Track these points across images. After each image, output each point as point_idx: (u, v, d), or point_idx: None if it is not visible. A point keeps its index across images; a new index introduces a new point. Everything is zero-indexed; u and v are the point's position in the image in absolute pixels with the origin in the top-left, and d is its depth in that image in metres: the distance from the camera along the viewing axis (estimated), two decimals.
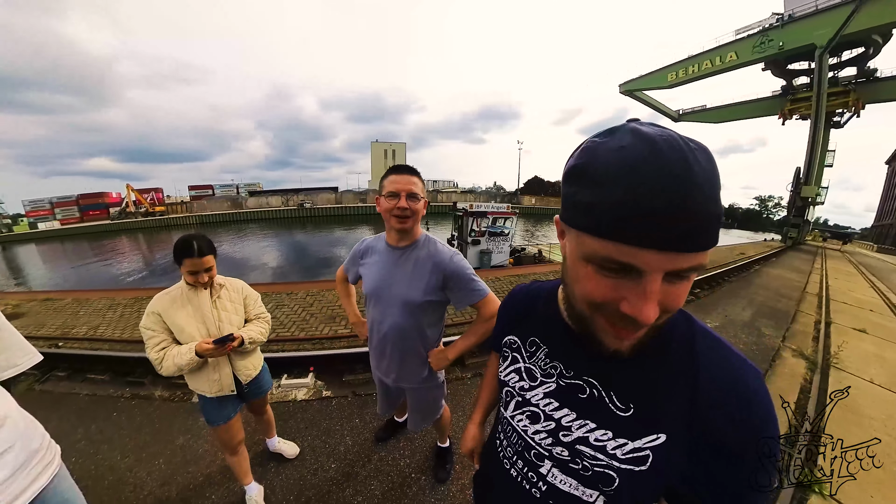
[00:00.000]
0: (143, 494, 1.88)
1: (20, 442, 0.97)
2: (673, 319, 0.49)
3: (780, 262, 11.66)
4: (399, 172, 1.23)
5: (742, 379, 0.46)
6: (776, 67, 22.18)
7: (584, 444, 0.52)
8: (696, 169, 0.34)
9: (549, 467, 0.57)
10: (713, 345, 0.49)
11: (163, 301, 1.42)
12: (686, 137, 0.36)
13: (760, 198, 79.60)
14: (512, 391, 0.64)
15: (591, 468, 0.52)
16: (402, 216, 1.22)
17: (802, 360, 3.69)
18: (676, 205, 0.33)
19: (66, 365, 3.18)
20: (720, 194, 0.36)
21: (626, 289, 0.39)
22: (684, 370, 0.48)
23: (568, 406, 0.55)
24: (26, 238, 36.52)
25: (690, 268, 0.37)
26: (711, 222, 0.35)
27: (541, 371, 0.60)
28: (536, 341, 0.62)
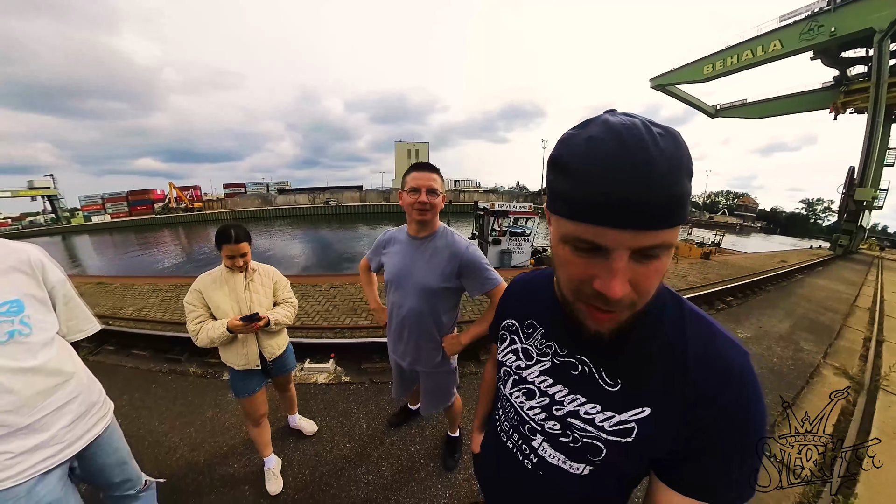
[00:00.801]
0: (176, 457, 2.06)
1: (83, 394, 1.12)
2: (663, 302, 0.52)
3: (828, 272, 10.72)
4: (420, 170, 1.32)
5: (726, 358, 0.48)
6: (827, 56, 19.95)
7: (575, 417, 0.56)
8: (655, 153, 0.36)
9: (540, 441, 0.61)
10: (701, 326, 0.51)
11: (205, 280, 1.59)
12: (652, 123, 0.38)
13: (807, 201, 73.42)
14: (509, 370, 0.68)
15: (580, 440, 0.55)
16: (422, 209, 1.31)
17: (846, 380, 3.40)
18: (636, 188, 0.36)
19: (114, 340, 3.50)
20: (684, 175, 0.38)
21: (597, 267, 0.41)
22: (672, 349, 0.50)
23: (561, 382, 0.58)
24: (82, 229, 40.07)
25: (654, 245, 0.39)
26: (671, 202, 0.37)
27: (537, 350, 0.63)
28: (534, 323, 0.65)
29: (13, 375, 0.93)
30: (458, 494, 1.82)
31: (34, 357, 0.98)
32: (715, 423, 0.46)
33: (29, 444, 0.96)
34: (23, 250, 1.03)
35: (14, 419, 0.93)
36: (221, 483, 1.87)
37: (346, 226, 37.10)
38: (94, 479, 1.20)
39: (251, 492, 1.81)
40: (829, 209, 66.49)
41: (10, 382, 0.92)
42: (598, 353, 0.55)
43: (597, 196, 0.38)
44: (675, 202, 0.37)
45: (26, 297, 0.99)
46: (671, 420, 0.48)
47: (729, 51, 23.35)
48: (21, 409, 0.94)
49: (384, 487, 1.85)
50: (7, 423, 0.92)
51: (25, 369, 0.95)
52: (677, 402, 0.48)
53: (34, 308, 1.00)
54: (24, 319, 0.97)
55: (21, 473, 0.95)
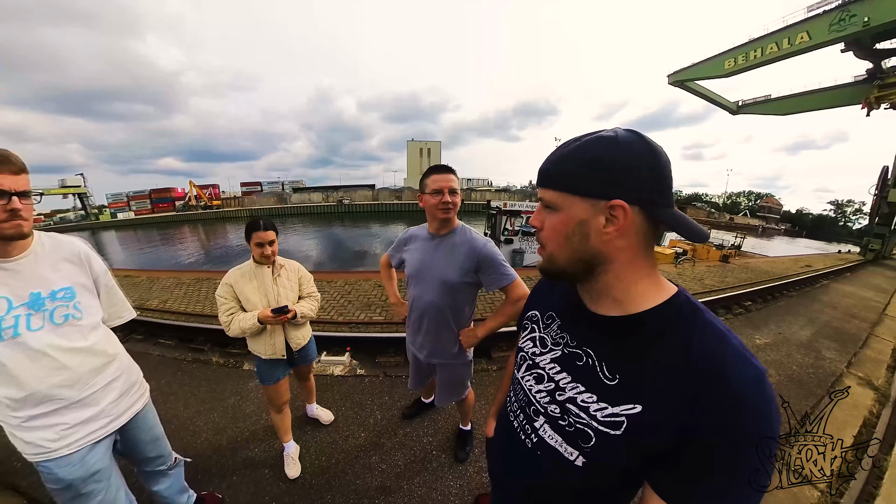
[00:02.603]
0: (200, 440, 2.18)
1: (126, 374, 1.23)
2: (678, 308, 0.54)
3: (856, 277, 10.17)
4: (439, 172, 1.39)
5: (731, 373, 0.47)
6: (860, 48, 18.46)
7: (573, 404, 0.60)
8: (557, 150, 0.57)
9: (542, 422, 0.66)
10: (713, 337, 0.50)
11: (235, 275, 1.69)
12: (580, 136, 0.56)
13: (836, 202, 69.87)
14: (525, 356, 0.74)
15: (574, 424, 0.59)
16: (446, 208, 1.38)
17: (870, 391, 3.26)
18: (541, 166, 0.59)
19: (142, 329, 3.69)
20: (560, 160, 0.56)
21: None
22: (675, 355, 0.51)
23: (566, 371, 0.63)
24: (109, 225, 41.88)
25: (542, 198, 0.59)
26: (556, 175, 0.56)
27: (551, 340, 0.68)
28: (553, 315, 0.71)
29: (69, 354, 1.03)
30: (468, 486, 1.86)
31: (85, 339, 1.08)
32: (704, 440, 0.46)
33: (82, 416, 1.06)
34: (72, 243, 1.14)
35: (70, 393, 1.03)
36: (243, 465, 1.97)
37: (358, 224, 37.57)
38: (131, 454, 1.30)
39: (271, 475, 1.90)
40: (860, 211, 63.14)
41: (66, 360, 1.02)
42: (603, 349, 0.59)
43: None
44: (552, 175, 0.57)
45: (77, 286, 1.09)
46: (663, 423, 0.49)
47: (752, 44, 22.29)
48: (76, 384, 1.04)
49: (397, 476, 1.91)
50: (64, 397, 1.02)
51: (79, 349, 1.05)
52: (671, 407, 0.49)
53: (83, 295, 1.11)
54: (77, 305, 1.07)
55: (76, 442, 1.05)
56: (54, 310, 1.02)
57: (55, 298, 1.02)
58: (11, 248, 0.97)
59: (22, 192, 0.92)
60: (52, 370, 0.99)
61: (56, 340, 1.01)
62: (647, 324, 0.55)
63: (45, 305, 1.00)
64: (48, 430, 1.01)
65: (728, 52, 23.97)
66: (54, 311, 1.02)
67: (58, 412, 1.02)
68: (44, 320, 0.99)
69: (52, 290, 1.02)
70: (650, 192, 0.51)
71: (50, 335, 1.00)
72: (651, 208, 0.51)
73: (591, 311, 0.61)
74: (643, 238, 0.54)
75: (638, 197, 0.50)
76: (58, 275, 1.05)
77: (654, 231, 0.54)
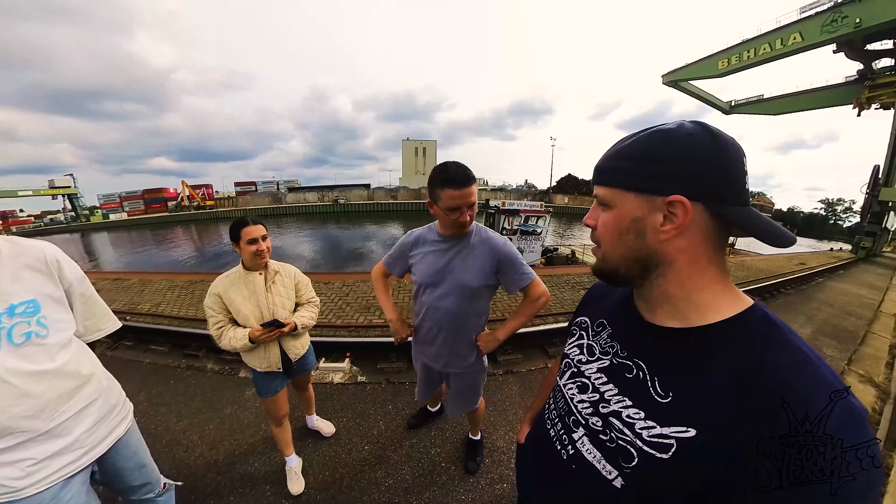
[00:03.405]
0: (195, 455, 2.05)
1: (103, 397, 1.09)
2: (747, 321, 0.47)
3: (850, 275, 10.29)
4: (457, 187, 1.17)
5: (822, 414, 0.38)
6: (851, 49, 18.84)
7: (616, 418, 0.55)
8: (613, 146, 0.54)
9: (581, 434, 0.61)
10: (795, 362, 0.42)
11: (223, 283, 1.54)
12: (638, 131, 0.52)
13: (827, 201, 70.89)
14: (570, 363, 0.69)
15: (616, 440, 0.54)
16: (464, 226, 1.26)
17: (871, 388, 3.27)
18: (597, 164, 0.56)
19: (132, 336, 3.54)
20: (615, 156, 0.53)
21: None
22: (743, 375, 0.43)
23: (613, 382, 0.58)
24: (100, 227, 41.16)
25: (597, 195, 0.55)
26: (608, 171, 0.54)
27: (600, 348, 0.64)
28: (604, 322, 0.66)
29: (32, 379, 0.89)
30: (480, 499, 1.77)
31: (52, 359, 0.94)
32: (770, 486, 0.39)
33: (51, 449, 0.93)
34: (37, 248, 0.99)
35: (34, 424, 0.90)
36: (241, 483, 1.86)
37: (354, 223, 37.31)
38: (113, 483, 1.17)
39: (272, 492, 1.79)
40: (851, 210, 64.17)
41: (28, 386, 0.88)
42: (657, 362, 0.53)
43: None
44: (609, 171, 0.54)
45: (42, 297, 0.95)
46: (719, 452, 0.43)
47: (745, 45, 22.61)
48: (41, 413, 0.91)
49: (405, 491, 1.81)
50: (27, 429, 0.89)
51: (44, 372, 0.92)
52: (733, 439, 0.42)
53: (51, 308, 0.97)
54: (41, 320, 0.93)
55: (44, 480, 0.91)
56: (12, 327, 0.87)
57: (14, 314, 0.88)
58: None
59: None
60: (12, 398, 0.85)
61: (16, 363, 0.86)
62: (711, 339, 0.48)
63: (1, 323, 0.85)
64: (11, 466, 0.87)
65: (721, 53, 24.29)
66: (13, 328, 0.87)
67: (22, 446, 0.88)
68: (0, 340, 0.85)
69: (11, 304, 0.88)
70: (715, 187, 0.45)
71: (8, 357, 0.85)
72: (717, 206, 0.46)
73: (647, 321, 0.56)
74: (709, 239, 0.48)
75: (700, 192, 0.45)
76: (18, 286, 0.91)
77: (723, 232, 0.48)
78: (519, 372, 2.98)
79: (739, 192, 0.46)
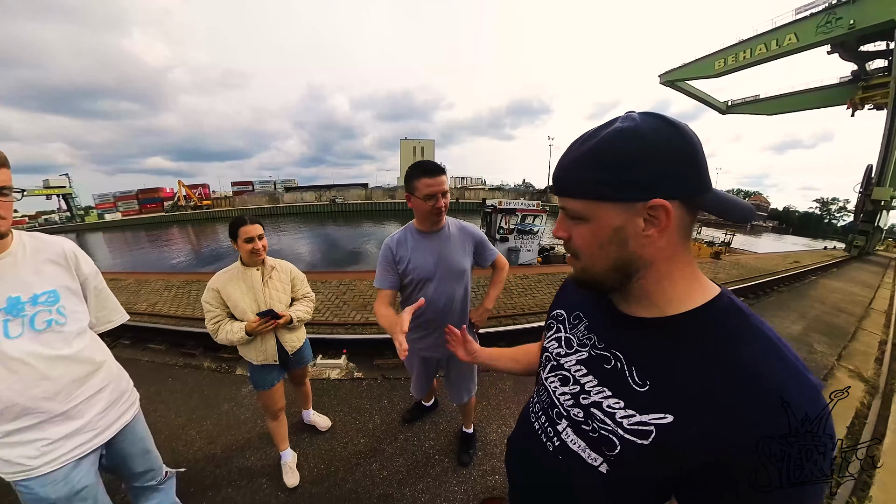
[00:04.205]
0: (193, 450, 2.09)
1: (113, 383, 1.15)
2: (723, 311, 0.49)
3: (843, 273, 10.46)
4: (431, 175, 1.33)
5: (783, 389, 0.42)
6: (845, 50, 19.22)
7: (598, 409, 0.56)
8: (570, 152, 0.51)
9: (564, 426, 0.63)
10: (763, 347, 0.46)
11: (221, 278, 1.59)
12: (593, 131, 0.49)
13: (822, 200, 71.59)
14: (550, 356, 0.70)
15: (598, 430, 0.56)
16: (439, 213, 1.40)
17: (860, 383, 3.34)
18: (555, 173, 0.53)
19: (130, 335, 3.57)
20: (579, 164, 0.49)
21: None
22: (718, 365, 0.46)
23: (593, 373, 0.59)
24: (95, 227, 40.88)
25: (564, 208, 0.54)
26: (578, 184, 0.50)
27: (577, 341, 0.65)
28: (580, 315, 0.67)
29: (50, 363, 0.95)
30: (473, 490, 1.82)
31: (69, 346, 1.00)
32: (747, 464, 0.42)
33: (65, 430, 0.99)
34: (57, 243, 1.06)
35: (51, 406, 0.95)
36: (239, 475, 1.89)
37: (352, 223, 37.28)
38: (119, 468, 1.22)
39: (268, 484, 1.83)
40: (845, 209, 64.75)
41: (47, 370, 0.94)
42: (634, 352, 0.55)
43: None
44: (573, 182, 0.51)
45: (61, 289, 1.01)
46: (697, 438, 0.45)
47: (741, 45, 22.81)
48: (57, 395, 0.96)
49: (399, 483, 1.85)
50: (44, 410, 0.94)
51: (61, 357, 0.98)
52: (707, 422, 0.45)
53: (68, 299, 1.03)
54: (60, 309, 0.99)
55: (57, 459, 0.97)
56: (35, 315, 0.94)
57: (36, 303, 0.95)
58: None
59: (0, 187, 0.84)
60: (32, 380, 0.92)
61: (37, 348, 0.93)
62: (685, 328, 0.50)
63: (24, 310, 0.92)
64: (28, 446, 0.93)
65: (718, 53, 24.47)
66: (35, 316, 0.94)
67: (38, 426, 0.94)
68: (23, 326, 0.92)
69: (34, 293, 0.95)
70: (691, 183, 0.46)
71: (30, 343, 0.92)
72: (691, 199, 0.47)
73: (622, 312, 0.57)
74: (683, 232, 0.49)
75: (679, 190, 0.45)
76: (40, 277, 0.98)
77: (693, 221, 0.50)
78: None
79: (707, 179, 0.47)
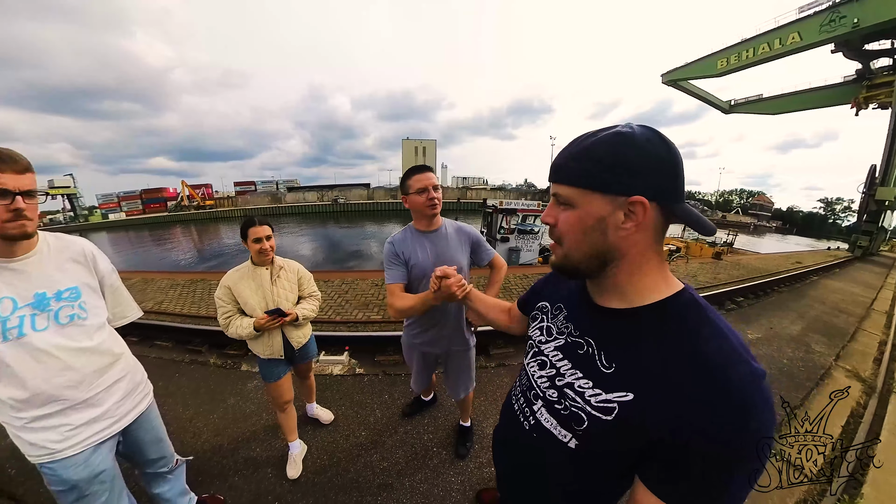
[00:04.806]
0: (201, 441, 2.17)
1: (130, 374, 1.23)
2: (684, 305, 0.55)
3: (845, 273, 10.39)
4: (420, 172, 1.45)
5: (730, 374, 0.47)
6: (849, 48, 18.91)
7: (570, 388, 0.63)
8: (571, 145, 0.58)
9: (539, 406, 0.69)
10: (713, 335, 0.51)
11: (233, 276, 1.68)
12: (595, 131, 0.57)
13: (826, 200, 71.02)
14: (532, 343, 0.77)
15: (569, 408, 0.62)
16: (433, 205, 1.46)
17: (858, 383, 3.35)
18: (554, 161, 0.60)
19: (137, 332, 3.65)
20: (577, 156, 0.56)
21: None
22: (673, 350, 0.52)
23: (568, 358, 0.66)
24: (100, 227, 41.21)
25: (556, 194, 0.59)
26: (572, 172, 0.56)
27: (557, 329, 0.72)
28: (561, 306, 0.74)
29: (74, 354, 1.03)
30: (469, 481, 1.88)
31: (90, 338, 1.08)
32: (696, 437, 0.47)
33: (87, 417, 1.06)
34: (78, 243, 1.14)
35: (74, 394, 1.03)
36: (244, 466, 1.97)
37: (354, 223, 37.40)
38: (134, 455, 1.30)
39: (273, 474, 1.91)
40: (849, 209, 64.18)
41: (71, 360, 1.02)
42: (603, 338, 0.61)
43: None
44: (566, 169, 0.57)
45: (82, 285, 1.09)
46: (653, 413, 0.51)
47: (744, 44, 22.59)
48: (80, 384, 1.04)
49: (399, 473, 1.92)
50: (68, 398, 1.02)
51: (84, 349, 1.06)
52: (664, 400, 0.50)
53: (89, 295, 1.11)
54: (82, 304, 1.07)
55: (78, 444, 1.05)
56: (59, 310, 1.02)
57: (60, 298, 1.02)
58: (16, 248, 0.97)
59: (26, 191, 0.91)
60: (56, 370, 0.99)
61: (61, 341, 1.01)
62: (647, 317, 0.56)
63: (49, 305, 1.00)
64: (52, 431, 1.01)
65: (721, 52, 24.28)
66: (59, 311, 1.02)
67: (62, 413, 1.02)
68: (49, 320, 0.99)
69: (58, 290, 1.03)
70: (668, 190, 0.52)
71: (55, 335, 1.00)
72: (667, 204, 0.53)
73: (596, 303, 0.64)
74: (657, 233, 0.56)
75: (657, 193, 0.52)
76: (63, 275, 1.06)
77: (665, 226, 0.56)
78: (510, 365, 3.09)
79: (682, 191, 0.54)
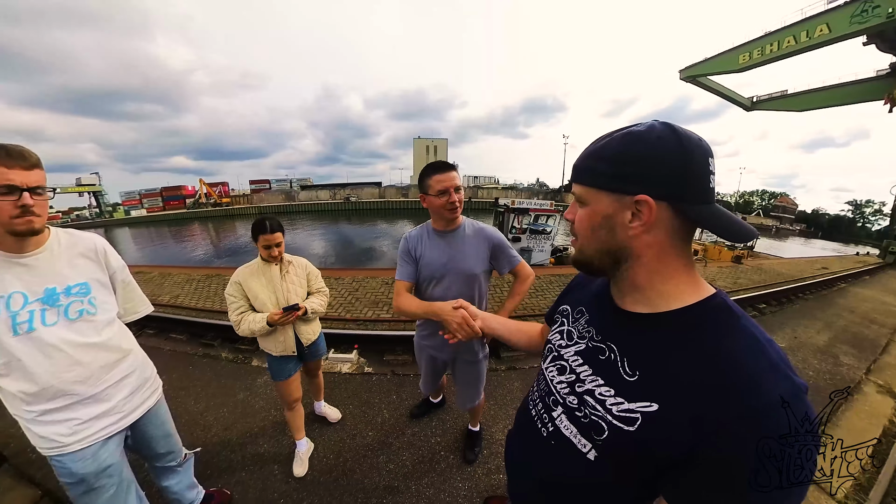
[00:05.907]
0: (210, 434, 2.20)
1: (138, 370, 1.23)
2: (715, 311, 0.52)
3: (876, 281, 9.82)
4: (441, 171, 1.35)
5: (764, 388, 0.43)
6: (883, 40, 17.66)
7: (590, 396, 0.60)
8: (590, 145, 0.57)
9: (559, 412, 0.66)
10: (747, 345, 0.47)
11: (243, 273, 1.69)
12: (613, 131, 0.56)
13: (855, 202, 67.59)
14: (552, 347, 0.74)
15: (589, 416, 0.59)
16: (454, 208, 1.38)
17: (890, 399, 3.14)
18: (574, 161, 0.60)
19: (154, 325, 3.75)
20: (590, 156, 0.56)
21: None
22: (702, 360, 0.48)
23: (588, 363, 0.63)
24: (122, 223, 42.84)
25: (573, 193, 0.59)
26: (584, 171, 0.57)
27: (577, 333, 0.69)
28: (583, 310, 0.71)
29: (82, 349, 1.03)
30: (476, 488, 1.84)
31: (99, 334, 1.08)
32: (722, 455, 0.43)
33: (94, 412, 1.07)
34: (89, 239, 1.14)
35: (82, 389, 1.03)
36: (252, 461, 1.98)
37: (365, 221, 37.74)
38: (142, 450, 1.30)
39: (280, 471, 1.90)
40: (880, 212, 61.00)
41: (79, 355, 1.02)
42: (626, 345, 0.58)
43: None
44: (587, 171, 0.57)
45: (93, 281, 1.10)
46: (678, 426, 0.47)
47: (768, 37, 21.55)
48: (88, 379, 1.04)
49: (405, 476, 1.89)
50: (76, 392, 1.02)
51: (92, 344, 1.06)
52: (690, 413, 0.46)
53: (99, 291, 1.11)
54: (92, 300, 1.07)
55: (87, 438, 1.05)
56: (69, 305, 1.02)
57: (70, 294, 1.03)
58: (26, 244, 0.98)
59: (34, 187, 0.91)
60: (65, 365, 1.00)
61: (70, 336, 1.01)
62: (673, 324, 0.53)
63: (59, 301, 1.00)
64: (61, 424, 1.01)
65: (742, 47, 23.26)
66: (69, 306, 1.02)
67: (71, 407, 1.02)
68: (58, 315, 1.00)
69: (68, 285, 1.03)
70: (676, 189, 0.49)
71: (64, 330, 1.00)
72: (679, 205, 0.50)
73: (619, 307, 0.61)
74: (673, 235, 0.52)
75: (664, 193, 0.49)
76: (73, 270, 1.06)
77: (687, 228, 0.52)
78: (521, 368, 3.02)
79: (701, 191, 0.49)
